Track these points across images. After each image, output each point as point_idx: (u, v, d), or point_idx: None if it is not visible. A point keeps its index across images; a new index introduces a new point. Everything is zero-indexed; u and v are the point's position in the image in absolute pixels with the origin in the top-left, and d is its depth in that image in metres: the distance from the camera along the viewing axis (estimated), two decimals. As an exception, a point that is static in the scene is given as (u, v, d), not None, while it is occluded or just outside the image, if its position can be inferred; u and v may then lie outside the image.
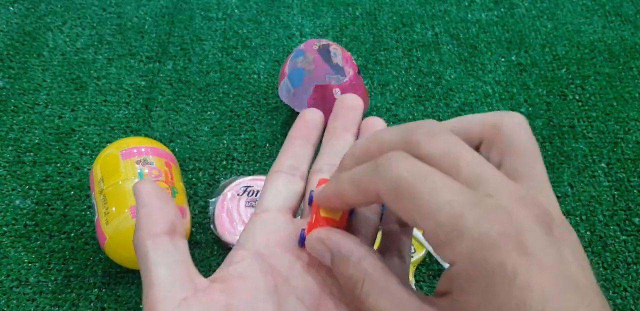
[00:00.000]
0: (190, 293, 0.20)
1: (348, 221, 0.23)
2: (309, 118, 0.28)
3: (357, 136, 0.28)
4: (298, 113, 0.64)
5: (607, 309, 0.17)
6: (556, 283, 0.17)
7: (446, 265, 0.51)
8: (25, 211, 0.55)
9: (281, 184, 0.25)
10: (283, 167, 0.26)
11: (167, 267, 0.20)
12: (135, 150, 0.50)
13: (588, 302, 0.17)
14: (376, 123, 0.28)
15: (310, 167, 0.27)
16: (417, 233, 0.54)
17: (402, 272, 0.24)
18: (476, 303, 0.17)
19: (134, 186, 0.22)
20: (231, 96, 0.66)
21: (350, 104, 0.28)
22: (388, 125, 0.65)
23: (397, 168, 0.18)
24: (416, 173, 0.18)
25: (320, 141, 0.28)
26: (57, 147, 0.60)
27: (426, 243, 0.53)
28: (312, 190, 0.24)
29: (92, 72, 0.68)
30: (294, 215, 0.25)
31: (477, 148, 0.22)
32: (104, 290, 0.50)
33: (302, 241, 0.23)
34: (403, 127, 0.20)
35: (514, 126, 0.21)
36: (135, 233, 0.22)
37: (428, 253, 0.53)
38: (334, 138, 0.27)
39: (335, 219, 0.22)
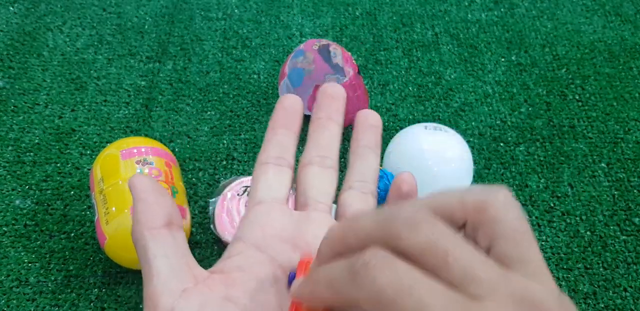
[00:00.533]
0: (190, 285, 0.20)
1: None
2: (287, 105, 0.27)
3: (343, 125, 0.28)
4: (298, 113, 0.64)
5: None
6: None
7: None
8: (25, 211, 0.55)
9: (271, 176, 0.25)
10: (270, 158, 0.26)
11: (166, 259, 0.21)
12: (135, 150, 0.50)
13: None
14: (369, 117, 0.28)
15: (296, 156, 0.27)
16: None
17: None
18: None
19: (129, 180, 0.22)
20: (231, 96, 0.66)
21: (331, 93, 0.28)
22: (389, 125, 0.65)
23: (376, 279, 0.17)
24: (399, 285, 0.16)
25: (303, 128, 0.28)
26: (57, 147, 0.60)
27: None
28: (292, 272, 0.22)
29: (92, 72, 0.68)
30: (286, 204, 0.26)
31: (460, 228, 0.20)
32: (104, 290, 0.50)
33: (290, 282, 0.22)
34: (381, 216, 0.18)
35: (499, 207, 0.19)
36: (133, 227, 0.22)
37: None
38: (319, 128, 0.27)
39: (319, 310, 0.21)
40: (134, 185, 0.22)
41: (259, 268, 0.22)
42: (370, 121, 0.28)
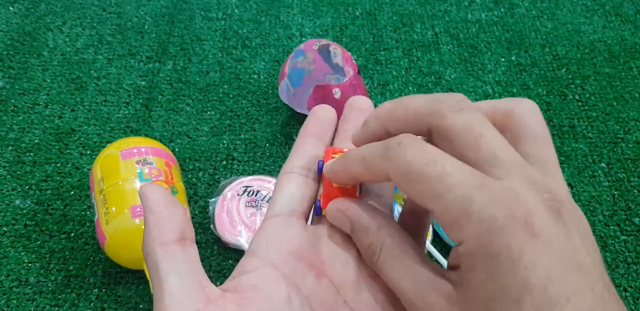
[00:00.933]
0: (202, 305, 0.20)
1: (363, 187, 0.24)
2: (321, 115, 0.27)
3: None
4: (298, 113, 0.64)
5: (611, 291, 0.18)
6: (560, 264, 0.17)
7: (453, 244, 0.52)
8: (25, 211, 0.55)
9: (294, 187, 0.24)
10: (295, 168, 0.25)
11: (178, 277, 0.20)
12: (135, 150, 0.50)
13: (592, 283, 0.17)
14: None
15: None
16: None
17: (419, 243, 0.24)
18: (482, 280, 0.18)
19: (141, 190, 0.22)
20: (231, 96, 0.66)
21: (360, 107, 0.27)
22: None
23: (406, 154, 0.19)
24: (426, 158, 0.18)
25: (332, 140, 0.27)
26: (57, 147, 0.60)
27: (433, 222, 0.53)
28: (320, 160, 0.24)
29: (92, 72, 0.68)
30: (306, 219, 0.25)
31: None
32: (104, 290, 0.50)
33: (318, 211, 0.23)
34: (432, 97, 0.21)
35: (525, 112, 0.22)
36: (144, 241, 0.21)
37: (434, 232, 0.53)
38: (344, 143, 0.26)
39: (348, 187, 0.23)
40: (145, 196, 0.21)
41: (274, 287, 0.21)
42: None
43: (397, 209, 0.53)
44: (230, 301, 0.20)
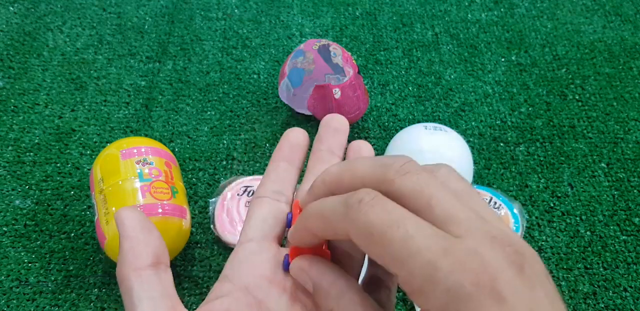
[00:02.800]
0: None
1: (331, 244, 0.24)
2: (293, 139, 0.27)
3: (344, 159, 0.28)
4: (298, 113, 0.64)
5: None
6: None
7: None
8: (25, 211, 0.55)
9: (266, 211, 0.25)
10: (267, 191, 0.25)
11: (152, 302, 0.20)
12: (135, 150, 0.50)
13: None
14: (362, 147, 0.27)
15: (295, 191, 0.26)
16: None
17: (387, 303, 0.24)
18: None
19: (116, 214, 0.22)
20: (231, 96, 0.66)
21: (335, 126, 0.27)
22: (389, 125, 0.65)
23: (368, 213, 0.18)
24: (388, 219, 0.18)
25: (306, 162, 0.27)
26: (57, 147, 0.60)
27: None
28: (289, 213, 0.24)
29: (92, 72, 0.68)
30: (280, 243, 0.25)
31: None
32: (104, 290, 0.50)
33: (286, 266, 0.22)
34: (378, 161, 0.20)
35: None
36: (118, 266, 0.21)
37: None
38: (319, 163, 0.27)
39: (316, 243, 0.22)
40: (121, 221, 0.21)
41: None
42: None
43: None
44: None
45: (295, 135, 0.27)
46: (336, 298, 0.21)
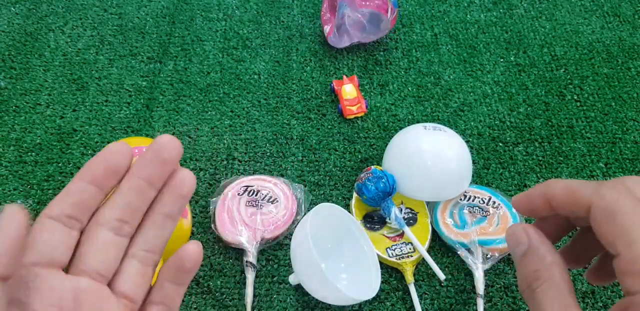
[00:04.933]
0: None
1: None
2: (112, 159, 0.24)
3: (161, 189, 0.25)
4: (298, 113, 0.64)
5: None
6: None
7: (456, 245, 0.52)
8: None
9: (56, 238, 0.22)
10: (62, 215, 0.23)
11: None
12: (136, 150, 0.50)
13: None
14: (185, 184, 0.25)
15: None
16: (411, 236, 0.54)
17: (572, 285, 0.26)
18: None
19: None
20: (232, 96, 0.67)
21: (162, 156, 0.24)
22: (389, 125, 0.64)
23: (621, 192, 0.20)
24: (632, 205, 0.20)
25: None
26: (58, 147, 0.61)
27: (421, 250, 0.53)
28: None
29: (93, 72, 0.68)
30: (65, 269, 0.23)
31: None
32: (105, 288, 0.51)
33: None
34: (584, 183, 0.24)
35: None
36: None
37: (432, 236, 0.53)
38: (133, 191, 0.24)
39: None
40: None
41: None
42: (183, 190, 0.25)
43: (395, 211, 0.53)
44: None
45: (115, 157, 0.24)
46: (547, 266, 0.23)
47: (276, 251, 0.55)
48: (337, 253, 0.53)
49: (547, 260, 0.23)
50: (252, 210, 0.54)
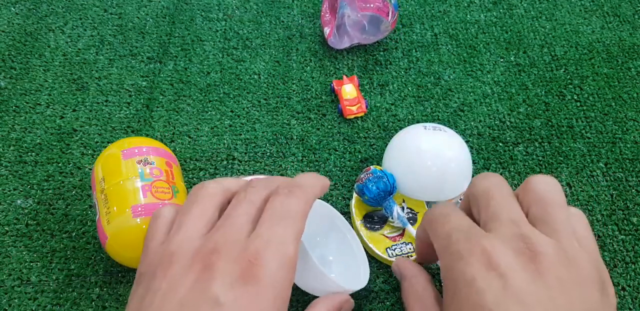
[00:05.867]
0: None
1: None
2: None
3: None
4: (298, 113, 0.64)
5: None
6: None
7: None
8: (26, 211, 0.56)
9: None
10: None
11: None
12: (136, 150, 0.50)
13: None
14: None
15: None
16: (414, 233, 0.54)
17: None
18: (447, 300, 0.24)
19: None
20: (232, 96, 0.67)
21: None
22: (389, 125, 0.65)
23: (434, 211, 0.32)
24: (443, 213, 0.30)
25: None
26: (58, 147, 0.61)
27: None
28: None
29: (93, 72, 0.68)
30: None
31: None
32: (105, 289, 0.51)
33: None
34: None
35: (537, 181, 0.30)
36: None
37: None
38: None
39: None
40: None
41: None
42: None
43: (397, 210, 0.53)
44: None
45: None
46: (412, 284, 0.36)
47: (276, 251, 0.54)
48: (324, 246, 0.53)
49: (414, 282, 0.36)
50: (252, 210, 0.54)
